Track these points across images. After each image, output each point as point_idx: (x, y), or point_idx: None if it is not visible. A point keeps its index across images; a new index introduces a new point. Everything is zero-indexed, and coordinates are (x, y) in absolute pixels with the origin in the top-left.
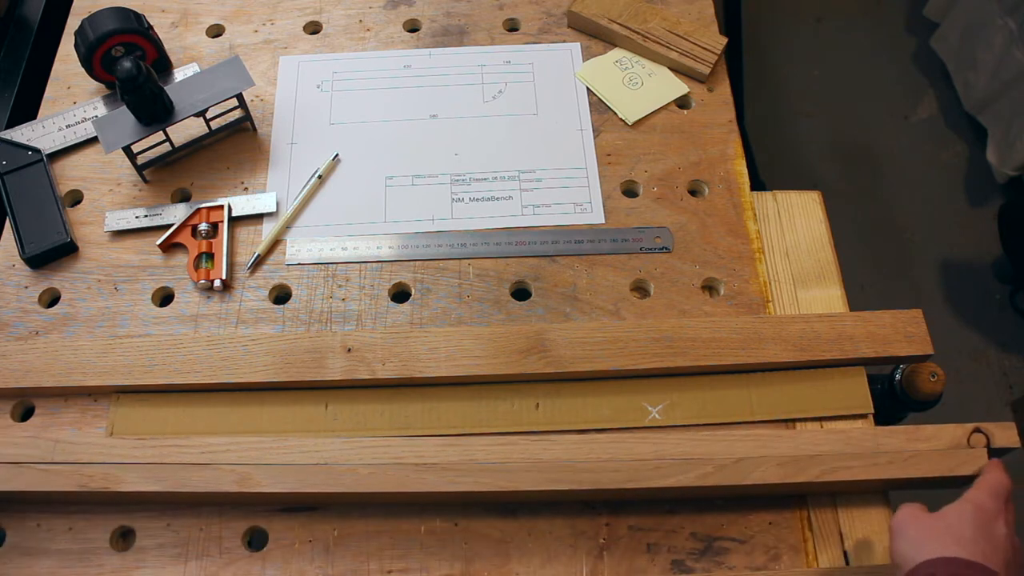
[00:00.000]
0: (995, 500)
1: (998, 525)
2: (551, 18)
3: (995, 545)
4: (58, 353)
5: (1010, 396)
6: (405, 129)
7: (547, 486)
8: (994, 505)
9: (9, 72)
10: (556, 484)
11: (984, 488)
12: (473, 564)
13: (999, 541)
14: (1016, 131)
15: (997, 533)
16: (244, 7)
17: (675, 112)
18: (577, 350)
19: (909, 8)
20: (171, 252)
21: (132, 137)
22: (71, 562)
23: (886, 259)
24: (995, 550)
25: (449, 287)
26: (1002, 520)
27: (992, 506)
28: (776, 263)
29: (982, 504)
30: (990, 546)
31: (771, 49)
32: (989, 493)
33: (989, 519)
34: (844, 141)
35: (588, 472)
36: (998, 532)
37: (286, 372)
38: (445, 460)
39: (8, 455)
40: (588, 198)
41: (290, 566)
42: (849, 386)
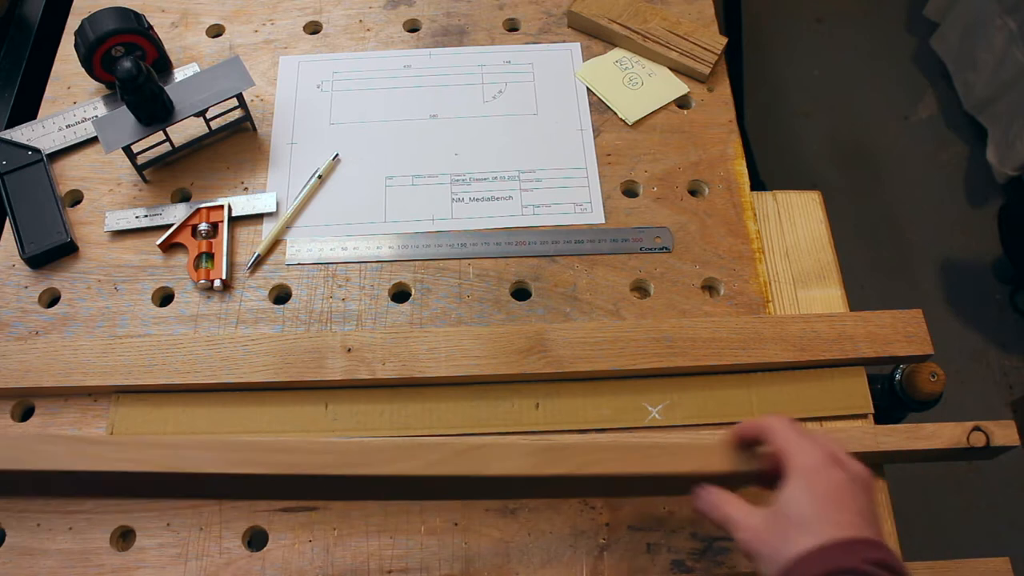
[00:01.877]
0: (805, 451)
1: (829, 475)
2: (551, 18)
3: (840, 502)
4: (58, 353)
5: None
6: (405, 129)
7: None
8: (810, 457)
9: (9, 72)
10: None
11: (786, 448)
12: (473, 564)
13: (842, 494)
14: (1016, 131)
15: (834, 486)
16: (244, 7)
17: (675, 112)
18: (577, 350)
19: (909, 8)
20: (171, 252)
21: (132, 137)
22: (71, 562)
23: (886, 259)
24: (842, 508)
25: (449, 287)
26: (826, 463)
27: (811, 460)
28: (776, 263)
29: (804, 466)
30: (836, 508)
31: (771, 49)
32: (794, 449)
33: (819, 478)
34: (844, 141)
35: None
36: (834, 483)
37: (286, 372)
38: None
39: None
40: (588, 198)
41: (290, 566)
42: (849, 386)
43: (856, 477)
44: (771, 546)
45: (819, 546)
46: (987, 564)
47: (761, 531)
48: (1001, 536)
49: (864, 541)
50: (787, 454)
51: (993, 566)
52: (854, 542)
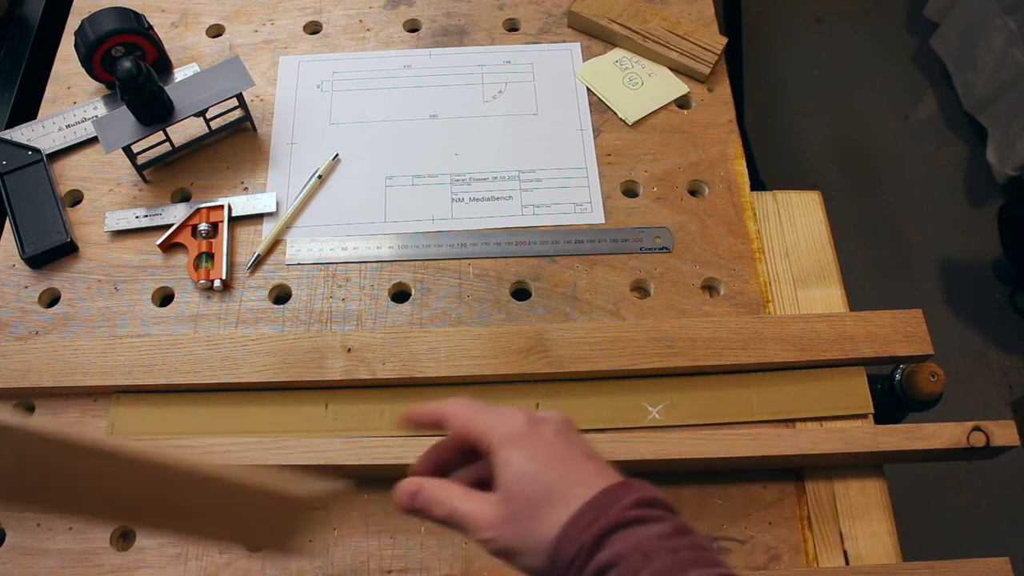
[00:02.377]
0: (503, 423)
1: (541, 435)
2: (551, 18)
3: (567, 458)
4: (58, 353)
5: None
6: (405, 129)
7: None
8: (511, 425)
9: (9, 72)
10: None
11: (478, 428)
12: (473, 564)
13: (565, 449)
14: (1016, 131)
15: (552, 445)
16: (244, 7)
17: (675, 112)
18: (577, 350)
19: (909, 8)
20: (171, 252)
21: (132, 137)
22: (71, 562)
23: (886, 259)
24: (572, 462)
25: (449, 287)
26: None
27: (514, 428)
28: (776, 263)
29: (511, 437)
30: (568, 466)
31: (771, 49)
32: (488, 425)
33: (533, 442)
34: (844, 141)
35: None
36: (550, 442)
37: (286, 372)
38: None
39: None
40: (588, 198)
41: (290, 566)
42: (849, 386)
43: (560, 426)
44: (524, 535)
45: (577, 511)
46: (987, 564)
47: (505, 523)
48: (1001, 536)
49: (616, 487)
50: (483, 433)
51: (993, 566)
52: (607, 492)
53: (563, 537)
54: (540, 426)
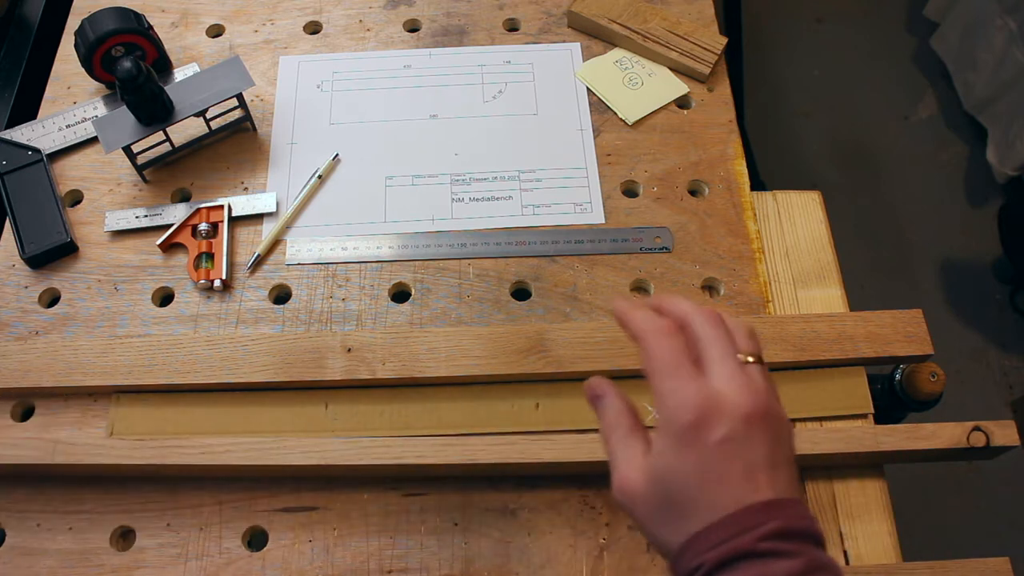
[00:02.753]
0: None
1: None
2: (551, 18)
3: (721, 469)
4: (58, 353)
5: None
6: (405, 129)
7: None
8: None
9: (9, 72)
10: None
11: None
12: (473, 564)
13: (723, 457)
14: (1016, 131)
15: (710, 451)
16: (244, 7)
17: (675, 112)
18: (577, 350)
19: (909, 8)
20: (171, 252)
21: (132, 137)
22: (71, 562)
23: (886, 259)
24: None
25: (449, 287)
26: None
27: (682, 416)
28: (776, 263)
29: (675, 423)
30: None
31: (771, 49)
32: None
33: (692, 442)
34: (844, 141)
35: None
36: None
37: (286, 372)
38: (445, 460)
39: (8, 456)
40: (588, 198)
41: (290, 566)
42: (849, 386)
43: (731, 431)
44: (654, 527)
45: (707, 526)
46: (987, 564)
47: (642, 503)
48: (1001, 536)
49: (756, 509)
50: (657, 391)
51: (993, 566)
52: (744, 513)
53: (687, 548)
54: (708, 427)
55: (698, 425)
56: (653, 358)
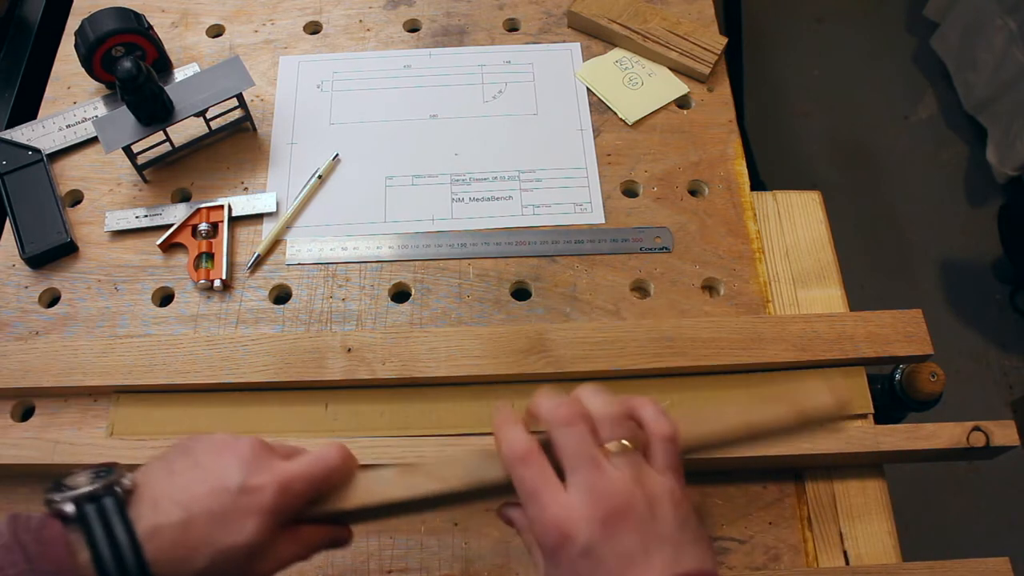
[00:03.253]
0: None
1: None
2: (551, 18)
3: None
4: (58, 353)
5: (1010, 396)
6: (405, 129)
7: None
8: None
9: (9, 72)
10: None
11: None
12: (473, 564)
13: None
14: (1016, 131)
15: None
16: (244, 7)
17: (675, 112)
18: (577, 350)
19: (909, 8)
20: (171, 252)
21: (132, 137)
22: None
23: (886, 259)
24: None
25: (449, 287)
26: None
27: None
28: (776, 263)
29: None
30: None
31: (771, 49)
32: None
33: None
34: (844, 141)
35: None
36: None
37: (286, 372)
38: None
39: (8, 456)
40: (588, 198)
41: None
42: (849, 386)
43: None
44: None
45: None
46: (987, 564)
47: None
48: (1001, 536)
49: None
50: (528, 518)
51: (993, 566)
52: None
53: None
54: (569, 543)
55: (560, 545)
56: (518, 488)
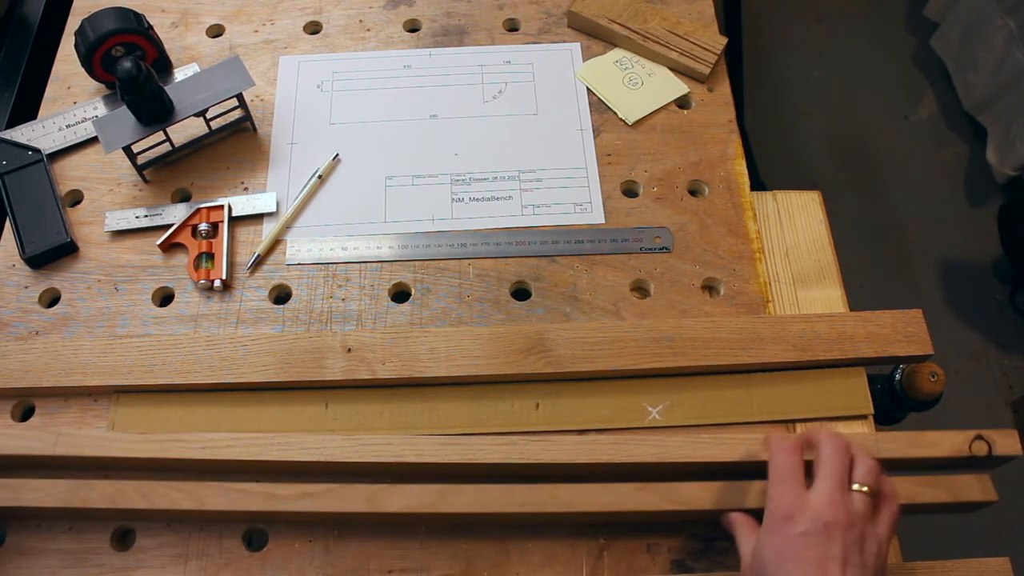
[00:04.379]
0: (772, 499)
1: (785, 532)
2: (551, 18)
3: (795, 558)
4: (58, 353)
5: (1010, 396)
6: (405, 129)
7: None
8: (772, 510)
9: (9, 72)
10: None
11: (767, 488)
12: (473, 564)
13: (795, 551)
14: (1016, 131)
15: (786, 544)
16: (244, 7)
17: (675, 112)
18: (577, 350)
19: (909, 8)
20: (171, 252)
21: (132, 137)
22: (71, 562)
23: (886, 259)
24: (797, 563)
25: (449, 287)
26: (782, 519)
27: (772, 514)
28: (776, 263)
29: (768, 517)
30: (791, 565)
31: (771, 49)
32: (768, 492)
33: (775, 533)
34: (844, 141)
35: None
36: (787, 541)
37: (286, 372)
38: (445, 460)
39: (11, 447)
40: (588, 198)
41: (290, 566)
42: (849, 387)
43: (814, 526)
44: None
45: None
46: (987, 564)
47: (745, 572)
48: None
49: None
50: (768, 492)
51: (993, 566)
52: None
53: None
54: (789, 523)
55: (785, 519)
56: (772, 468)
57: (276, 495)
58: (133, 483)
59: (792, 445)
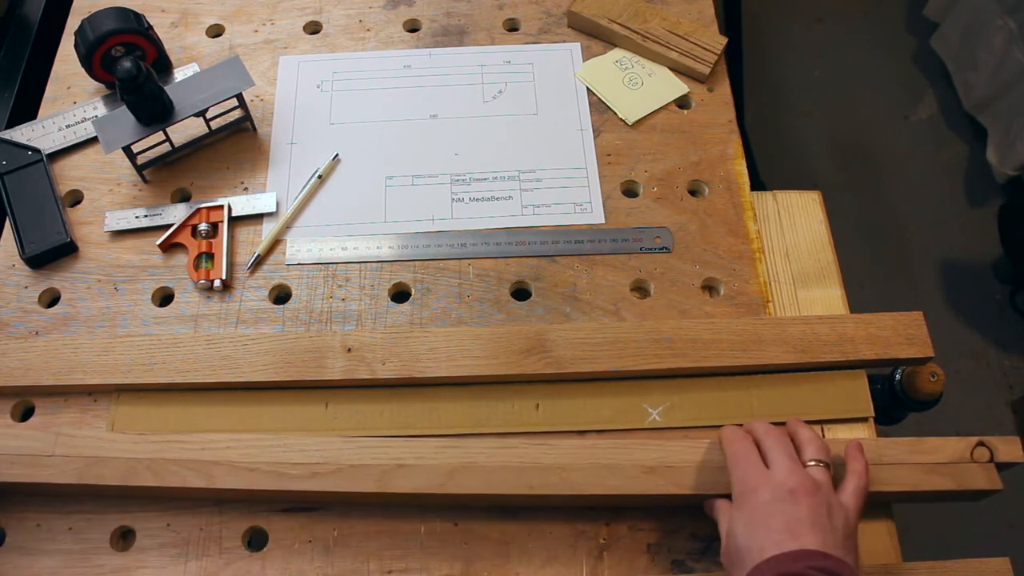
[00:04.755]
0: (737, 476)
1: (754, 499)
2: (551, 18)
3: (765, 523)
4: (58, 352)
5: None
6: (405, 129)
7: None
8: (739, 483)
9: (9, 72)
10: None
11: (730, 470)
12: (473, 564)
13: (766, 515)
14: (1016, 131)
15: (757, 509)
16: (244, 7)
17: (675, 112)
18: (577, 351)
19: (909, 8)
20: (171, 252)
21: (132, 137)
22: (71, 562)
23: (886, 259)
24: (768, 528)
25: (449, 287)
26: (750, 488)
27: (739, 486)
28: (776, 263)
29: (737, 492)
30: (762, 530)
31: (771, 49)
32: (732, 473)
33: (746, 504)
34: (844, 141)
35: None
36: (757, 507)
37: (286, 372)
38: (444, 461)
39: (11, 447)
40: (588, 198)
41: (290, 566)
42: (850, 389)
43: (777, 493)
44: (729, 568)
45: (755, 565)
46: (987, 564)
47: (724, 555)
48: (1001, 536)
49: (793, 553)
50: (731, 477)
51: (993, 566)
52: (774, 560)
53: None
54: (757, 491)
55: (751, 491)
56: (729, 454)
57: (286, 475)
58: (145, 461)
59: (742, 432)
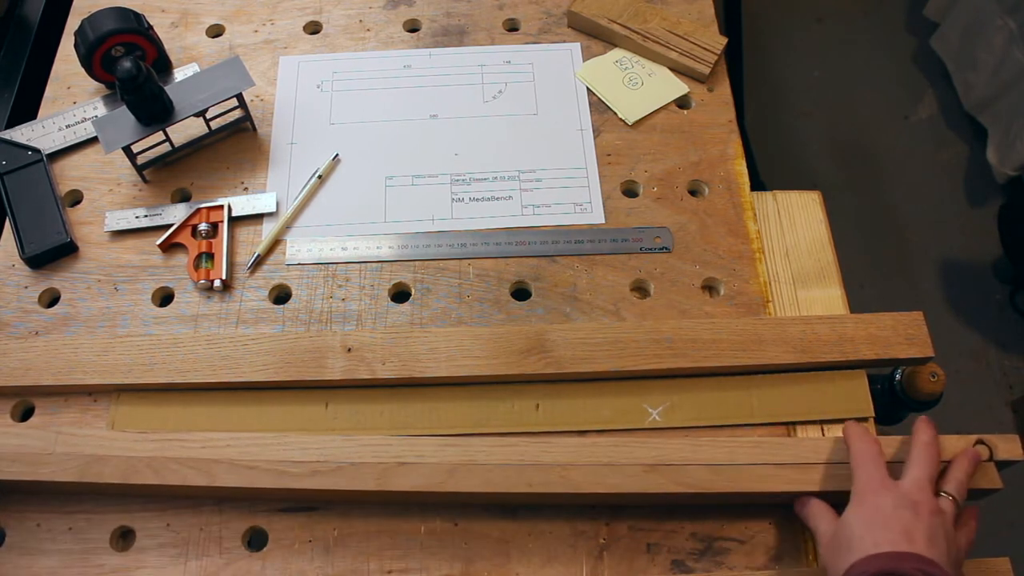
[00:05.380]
0: (862, 473)
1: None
2: (551, 18)
3: (884, 524)
4: (58, 352)
5: (1010, 396)
6: (405, 129)
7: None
8: (864, 481)
9: (9, 72)
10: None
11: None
12: (473, 564)
13: (886, 517)
14: (1016, 131)
15: (878, 510)
16: (244, 7)
17: (675, 112)
18: (577, 351)
19: (909, 8)
20: (171, 252)
21: (132, 137)
22: (71, 562)
23: (886, 259)
24: (886, 528)
25: (449, 287)
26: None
27: (864, 484)
28: (776, 263)
29: (858, 489)
30: (880, 529)
31: (771, 49)
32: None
33: (867, 502)
34: (844, 141)
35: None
36: (879, 507)
37: (286, 372)
38: (444, 460)
39: (11, 446)
40: (588, 198)
41: (290, 566)
42: (850, 389)
43: (903, 502)
44: (831, 561)
45: (863, 557)
46: (987, 564)
47: (826, 548)
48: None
49: (908, 555)
50: (853, 473)
51: (993, 566)
52: (885, 556)
53: (850, 570)
54: (884, 492)
55: (875, 493)
56: (854, 452)
57: (287, 473)
58: (145, 459)
59: (871, 435)
